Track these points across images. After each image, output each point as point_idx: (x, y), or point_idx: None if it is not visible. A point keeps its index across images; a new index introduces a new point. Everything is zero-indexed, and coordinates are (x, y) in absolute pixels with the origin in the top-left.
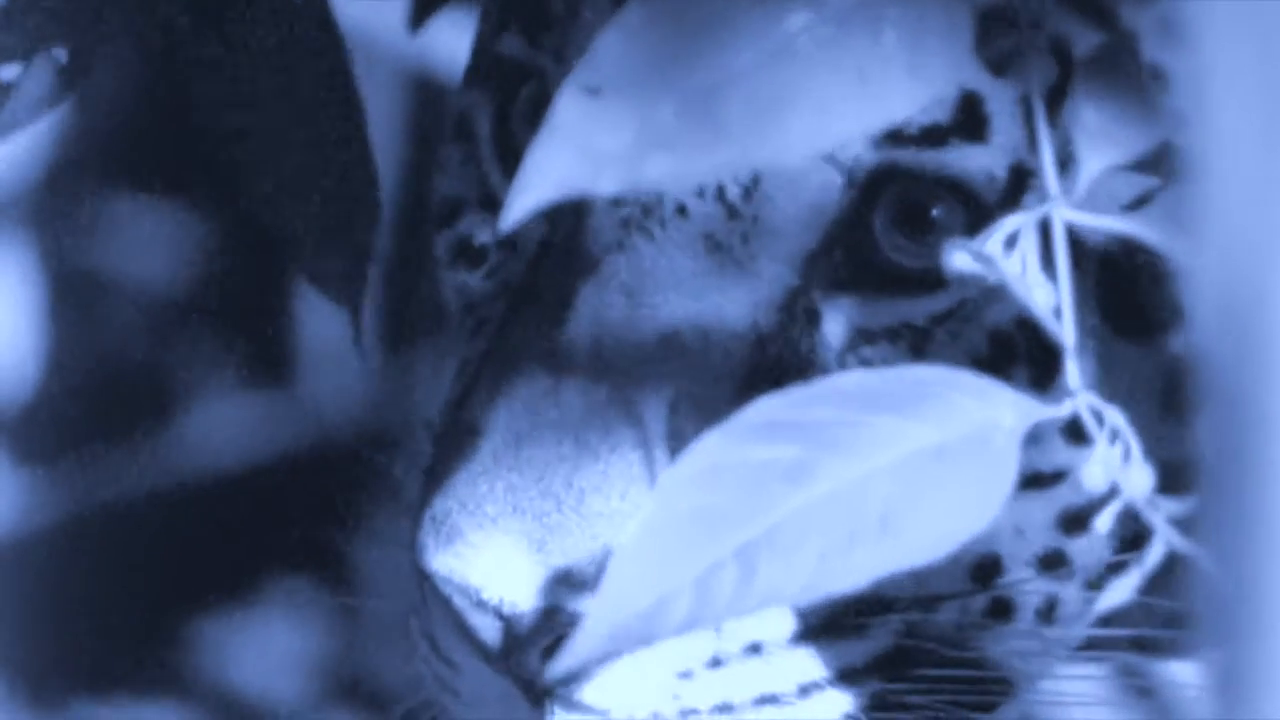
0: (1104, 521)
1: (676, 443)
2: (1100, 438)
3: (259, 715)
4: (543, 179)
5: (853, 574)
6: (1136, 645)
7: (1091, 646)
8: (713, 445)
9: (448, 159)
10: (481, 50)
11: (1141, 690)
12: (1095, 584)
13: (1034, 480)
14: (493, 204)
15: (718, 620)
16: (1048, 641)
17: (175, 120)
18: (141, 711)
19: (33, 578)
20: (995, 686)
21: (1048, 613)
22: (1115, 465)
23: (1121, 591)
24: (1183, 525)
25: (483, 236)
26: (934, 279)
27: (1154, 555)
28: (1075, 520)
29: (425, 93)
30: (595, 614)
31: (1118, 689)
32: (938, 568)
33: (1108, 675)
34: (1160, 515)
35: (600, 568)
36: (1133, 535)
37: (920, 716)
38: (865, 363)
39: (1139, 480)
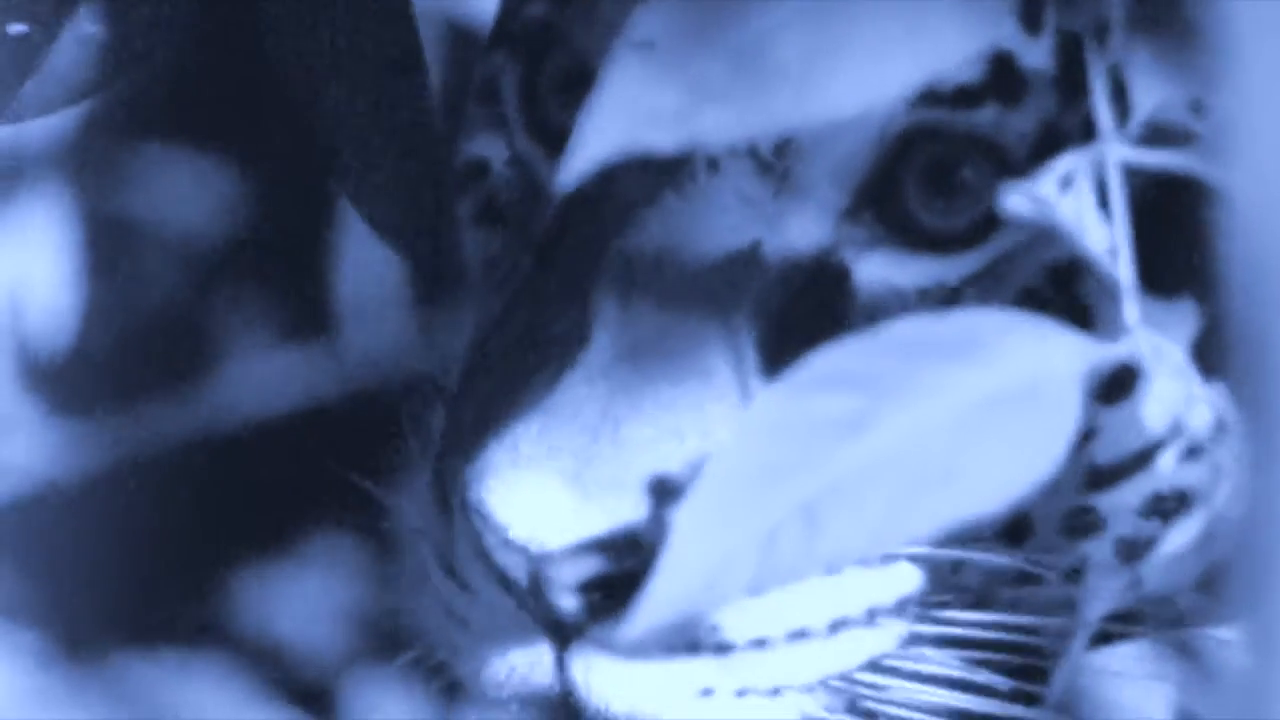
0: (1168, 460)
1: (712, 384)
2: (1160, 375)
3: (300, 666)
4: (601, 136)
5: (917, 524)
6: (1176, 615)
7: (1130, 615)
8: (773, 399)
9: (473, 120)
10: (509, 12)
11: (1184, 657)
12: (1129, 545)
13: None
14: (518, 165)
15: (783, 580)
16: (1080, 603)
17: (216, 68)
18: (180, 662)
19: (71, 529)
20: (1029, 650)
21: (1078, 573)
22: (1176, 402)
23: (1182, 537)
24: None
25: (507, 196)
26: (965, 238)
27: (1220, 494)
28: (1107, 477)
29: (457, 49)
30: (662, 577)
31: (1160, 657)
32: (969, 531)
33: (1150, 645)
34: (1226, 450)
35: (637, 495)
36: (1166, 495)
37: (951, 680)
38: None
39: (1201, 416)
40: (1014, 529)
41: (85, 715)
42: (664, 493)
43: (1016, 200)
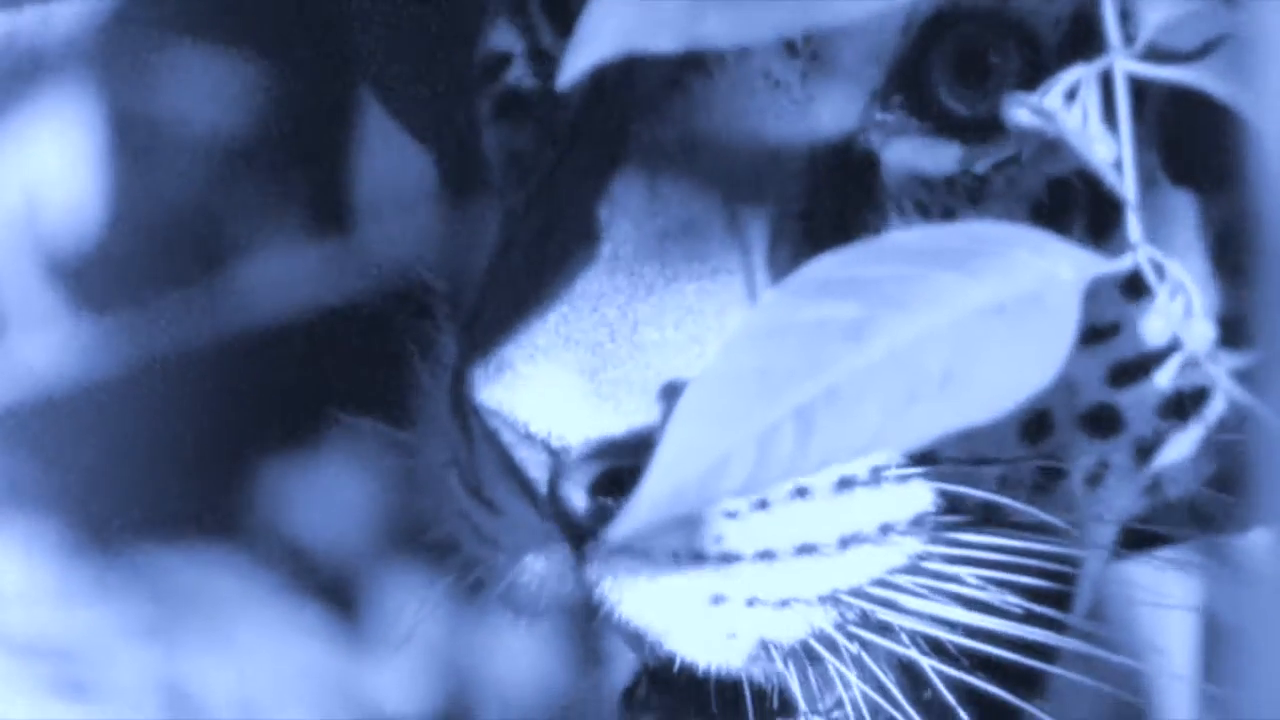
0: (1165, 375)
1: (733, 289)
2: (1161, 290)
3: (320, 560)
4: (601, 35)
5: (912, 432)
6: (1197, 520)
7: (1151, 525)
8: (772, 303)
9: (493, 13)
10: None
11: (1210, 563)
12: (1146, 447)
13: (1088, 334)
14: (539, 57)
15: (776, 481)
16: (1100, 510)
17: None
18: (203, 555)
19: (95, 424)
20: (1045, 572)
21: (1097, 477)
22: (1176, 318)
23: (1179, 448)
24: (1244, 379)
25: (529, 90)
26: (994, 125)
27: (1214, 411)
28: (1128, 373)
29: None
30: (654, 475)
31: (1184, 566)
32: (987, 426)
33: (1173, 557)
34: (1221, 369)
35: (652, 398)
36: (1186, 394)
37: (964, 599)
38: (923, 208)
39: (1200, 333)
40: (1033, 427)
41: (110, 607)
42: (678, 398)
43: (1020, 112)
